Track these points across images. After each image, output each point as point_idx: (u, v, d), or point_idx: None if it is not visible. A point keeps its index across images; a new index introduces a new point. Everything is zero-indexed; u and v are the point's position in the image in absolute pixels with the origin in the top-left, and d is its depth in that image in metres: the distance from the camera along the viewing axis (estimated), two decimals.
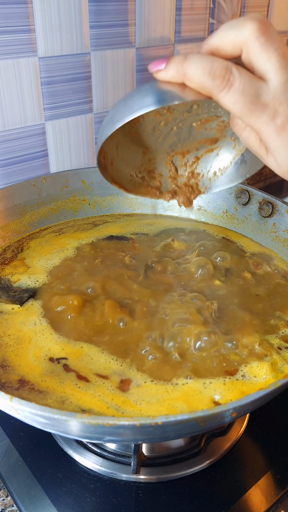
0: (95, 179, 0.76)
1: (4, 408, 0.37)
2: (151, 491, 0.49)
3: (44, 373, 0.45)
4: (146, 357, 0.47)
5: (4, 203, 0.67)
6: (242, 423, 0.56)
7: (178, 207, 0.77)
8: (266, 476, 0.51)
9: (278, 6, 1.09)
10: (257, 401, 0.35)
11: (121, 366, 0.46)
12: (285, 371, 0.46)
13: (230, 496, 0.48)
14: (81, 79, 0.80)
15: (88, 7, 0.76)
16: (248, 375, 0.45)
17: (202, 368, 0.46)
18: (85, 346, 0.49)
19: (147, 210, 0.78)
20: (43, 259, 0.63)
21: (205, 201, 0.76)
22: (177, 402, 0.42)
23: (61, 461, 0.52)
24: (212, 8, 0.94)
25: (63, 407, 0.42)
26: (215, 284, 0.58)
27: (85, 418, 0.33)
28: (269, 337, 0.50)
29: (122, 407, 0.42)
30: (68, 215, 0.75)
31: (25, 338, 0.50)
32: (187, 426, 0.34)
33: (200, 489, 0.49)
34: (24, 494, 0.49)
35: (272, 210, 0.67)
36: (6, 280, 0.59)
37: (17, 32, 0.69)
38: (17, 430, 0.55)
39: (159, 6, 0.85)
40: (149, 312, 0.53)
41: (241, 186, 0.71)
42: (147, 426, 0.33)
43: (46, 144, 0.80)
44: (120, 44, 0.83)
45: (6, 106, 0.73)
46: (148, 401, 0.42)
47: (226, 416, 0.35)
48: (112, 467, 0.51)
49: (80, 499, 0.48)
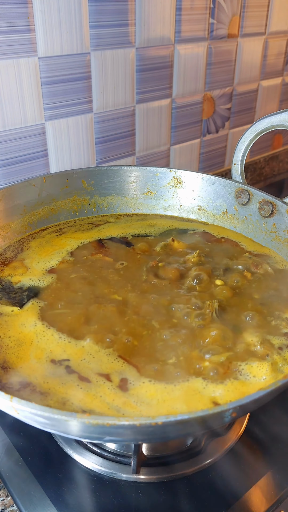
0: (95, 179, 0.76)
1: (4, 408, 0.37)
2: (151, 491, 0.49)
3: (46, 374, 0.45)
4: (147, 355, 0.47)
5: (4, 203, 0.67)
6: (242, 423, 0.56)
7: (178, 207, 0.78)
8: (266, 476, 0.51)
9: (278, 6, 1.09)
10: (257, 401, 0.35)
11: (122, 365, 0.46)
12: (285, 371, 0.46)
13: (230, 496, 0.48)
14: (81, 79, 0.80)
15: (88, 7, 0.76)
16: (248, 375, 0.45)
17: (203, 367, 0.46)
18: (86, 345, 0.48)
19: (147, 210, 0.78)
20: (43, 260, 0.63)
21: (205, 201, 0.76)
22: (177, 402, 0.42)
23: (61, 461, 0.52)
24: (212, 8, 0.94)
25: (64, 408, 0.42)
26: (216, 283, 0.58)
27: (85, 418, 0.33)
28: (270, 337, 0.50)
29: (123, 408, 0.42)
30: (68, 215, 0.75)
31: (26, 340, 0.50)
32: (187, 426, 0.34)
33: (200, 489, 0.49)
34: (24, 494, 0.49)
35: (272, 210, 0.67)
36: (6, 281, 0.59)
37: (17, 32, 0.69)
38: (17, 430, 0.55)
39: (159, 6, 0.85)
40: (150, 312, 0.53)
41: (241, 186, 0.71)
42: (147, 426, 0.33)
43: (46, 144, 0.80)
44: (120, 44, 0.83)
45: (6, 106, 0.73)
46: (148, 402, 0.42)
47: (226, 416, 0.35)
48: (112, 467, 0.51)
49: (80, 499, 0.48)
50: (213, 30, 0.97)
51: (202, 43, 0.96)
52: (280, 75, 1.21)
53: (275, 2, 1.07)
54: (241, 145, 0.73)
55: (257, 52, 1.11)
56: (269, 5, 1.07)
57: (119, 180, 0.77)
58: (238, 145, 0.73)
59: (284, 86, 1.25)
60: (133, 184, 0.78)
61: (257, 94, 1.17)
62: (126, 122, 0.90)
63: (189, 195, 0.77)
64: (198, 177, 0.76)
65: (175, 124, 1.00)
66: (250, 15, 1.03)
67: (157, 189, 0.78)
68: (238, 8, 1.00)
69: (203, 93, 1.03)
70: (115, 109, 0.87)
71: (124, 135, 0.91)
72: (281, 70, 1.21)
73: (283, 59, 1.19)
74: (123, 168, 0.77)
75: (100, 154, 0.89)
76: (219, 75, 1.04)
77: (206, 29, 0.95)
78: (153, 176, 0.77)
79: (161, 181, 0.77)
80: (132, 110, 0.90)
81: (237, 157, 0.73)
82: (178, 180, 0.77)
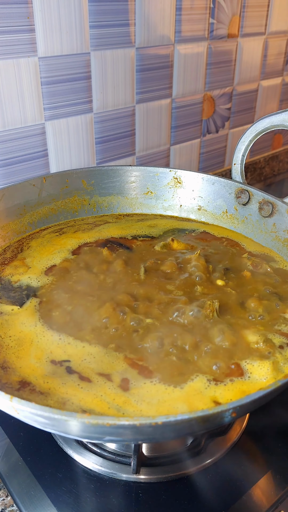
0: (95, 179, 0.76)
1: (4, 408, 0.37)
2: (151, 491, 0.49)
3: (46, 374, 0.45)
4: (148, 355, 0.47)
5: (4, 203, 0.67)
6: (242, 423, 0.56)
7: (178, 207, 0.78)
8: (266, 476, 0.51)
9: (278, 6, 1.09)
10: (257, 401, 0.35)
11: (123, 366, 0.46)
12: (285, 371, 0.46)
13: (230, 496, 0.48)
14: (81, 79, 0.80)
15: (88, 7, 0.76)
16: (248, 374, 0.45)
17: (203, 367, 0.46)
18: (86, 345, 0.48)
19: (147, 210, 0.78)
20: (44, 260, 0.63)
21: (205, 201, 0.76)
22: (177, 402, 0.42)
23: (61, 461, 0.52)
24: (212, 8, 0.94)
25: (64, 408, 0.41)
26: (216, 283, 0.58)
27: (85, 418, 0.33)
28: (271, 336, 0.50)
29: (123, 407, 0.42)
30: (68, 215, 0.75)
31: (26, 340, 0.50)
32: (187, 426, 0.34)
33: (200, 489, 0.49)
34: (24, 494, 0.49)
35: (272, 210, 0.67)
36: (6, 280, 0.59)
37: (17, 32, 0.69)
38: (17, 430, 0.55)
39: (159, 6, 0.85)
40: (150, 312, 0.53)
41: (241, 186, 0.71)
42: (147, 426, 0.33)
43: (46, 144, 0.80)
44: (120, 44, 0.83)
45: (6, 106, 0.73)
46: (149, 401, 0.42)
47: (226, 416, 0.35)
48: (112, 467, 0.51)
49: (80, 499, 0.48)
50: (213, 30, 0.97)
51: (202, 43, 0.96)
52: (280, 75, 1.21)
53: (275, 2, 1.07)
54: (241, 145, 0.73)
55: (257, 52, 1.11)
56: (269, 5, 1.07)
57: (119, 180, 0.77)
58: (238, 145, 0.73)
59: (284, 86, 1.25)
60: (133, 184, 0.78)
61: (257, 94, 1.17)
62: (126, 122, 0.90)
63: (189, 195, 0.77)
64: (198, 177, 0.76)
65: (175, 124, 1.00)
66: (250, 15, 1.03)
67: (157, 189, 0.78)
68: (238, 8, 1.00)
69: (203, 93, 1.03)
70: (115, 109, 0.87)
71: (124, 135, 0.91)
72: (281, 70, 1.21)
73: (283, 59, 1.19)
74: (123, 168, 0.77)
75: (100, 154, 0.89)
76: (219, 75, 1.04)
77: (206, 29, 0.95)
78: (153, 176, 0.77)
79: (161, 181, 0.77)
80: (132, 110, 0.90)
81: (237, 157, 0.73)
82: (178, 180, 0.77)
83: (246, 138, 0.72)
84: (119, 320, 0.51)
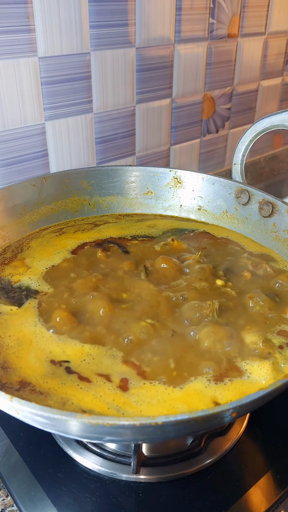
0: (95, 179, 0.76)
1: (4, 408, 0.37)
2: (151, 491, 0.49)
3: (46, 374, 0.45)
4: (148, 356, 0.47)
5: (4, 203, 0.67)
6: (242, 423, 0.56)
7: (178, 207, 0.78)
8: (266, 476, 0.51)
9: (278, 6, 1.09)
10: (257, 401, 0.35)
11: (122, 366, 0.46)
12: (285, 371, 0.46)
13: (230, 496, 0.48)
14: (81, 79, 0.80)
15: (88, 7, 0.76)
16: (248, 374, 0.45)
17: (203, 367, 0.46)
18: (86, 345, 0.48)
19: (147, 210, 0.78)
20: (44, 260, 0.63)
21: (205, 201, 0.76)
22: (177, 402, 0.42)
23: (61, 461, 0.52)
24: (212, 8, 0.94)
25: (64, 408, 0.42)
26: (216, 283, 0.58)
27: (85, 418, 0.33)
28: (270, 336, 0.50)
29: (122, 408, 0.42)
30: (68, 215, 0.75)
31: (26, 340, 0.50)
32: (187, 426, 0.34)
33: (200, 489, 0.49)
34: (24, 494, 0.49)
35: (272, 210, 0.67)
36: (6, 280, 0.59)
37: (17, 32, 0.69)
38: (17, 430, 0.55)
39: (159, 6, 0.85)
40: (150, 312, 0.52)
41: (241, 186, 0.71)
42: (147, 426, 0.33)
43: (46, 144, 0.80)
44: (120, 44, 0.83)
45: (6, 106, 0.73)
46: (148, 402, 0.42)
47: (226, 416, 0.35)
48: (112, 467, 0.51)
49: (80, 499, 0.48)
50: (213, 30, 0.97)
51: (202, 43, 0.96)
52: (280, 75, 1.21)
53: (275, 2, 1.07)
54: (241, 145, 0.73)
55: (257, 52, 1.11)
56: (269, 5, 1.07)
57: (119, 180, 0.77)
58: (238, 145, 0.73)
59: (284, 86, 1.25)
60: (133, 184, 0.78)
61: (257, 94, 1.17)
62: (126, 122, 0.90)
63: (189, 195, 0.77)
64: (198, 177, 0.76)
65: (175, 124, 1.00)
66: (250, 15, 1.03)
67: (157, 189, 0.78)
68: (238, 8, 1.00)
69: (203, 93, 1.03)
70: (115, 109, 0.87)
71: (124, 135, 0.91)
72: (281, 70, 1.21)
73: (283, 59, 1.19)
74: (123, 168, 0.77)
75: (100, 154, 0.89)
76: (219, 75, 1.04)
77: (206, 29, 0.95)
78: (153, 176, 0.77)
79: (161, 181, 0.77)
80: (132, 110, 0.90)
81: (237, 157, 0.73)
82: (178, 180, 0.77)
83: (246, 138, 0.72)
84: (119, 320, 0.51)
